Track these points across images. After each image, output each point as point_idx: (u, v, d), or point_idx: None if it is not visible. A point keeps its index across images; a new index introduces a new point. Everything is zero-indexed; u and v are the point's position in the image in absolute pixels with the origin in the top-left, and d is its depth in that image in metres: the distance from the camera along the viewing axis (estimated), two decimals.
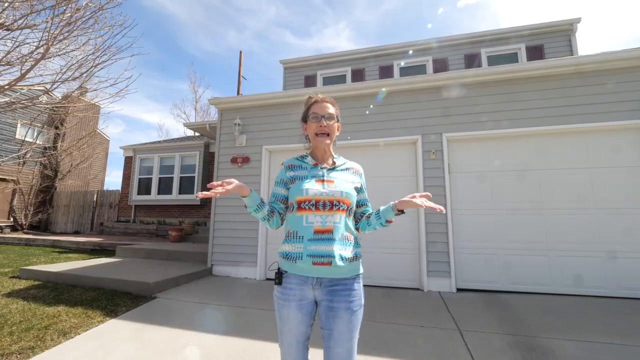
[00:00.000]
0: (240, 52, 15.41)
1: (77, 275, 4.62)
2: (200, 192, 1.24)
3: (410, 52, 8.83)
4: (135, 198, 11.41)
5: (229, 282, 5.07)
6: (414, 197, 1.38)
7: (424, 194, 1.40)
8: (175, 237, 8.52)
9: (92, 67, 3.83)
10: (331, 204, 1.41)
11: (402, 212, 1.42)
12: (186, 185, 10.85)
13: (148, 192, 11.27)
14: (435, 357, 2.59)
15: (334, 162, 1.57)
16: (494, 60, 8.42)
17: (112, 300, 3.88)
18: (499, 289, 4.41)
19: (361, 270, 1.49)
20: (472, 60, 8.42)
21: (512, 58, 8.31)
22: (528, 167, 4.60)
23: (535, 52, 7.99)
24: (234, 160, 5.77)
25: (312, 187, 1.43)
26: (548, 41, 8.06)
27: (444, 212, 1.37)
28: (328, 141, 1.53)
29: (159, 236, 10.48)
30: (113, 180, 46.18)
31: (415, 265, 4.70)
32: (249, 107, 5.91)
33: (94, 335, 2.97)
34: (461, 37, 8.73)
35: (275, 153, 5.74)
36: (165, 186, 11.10)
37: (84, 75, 3.91)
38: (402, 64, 8.98)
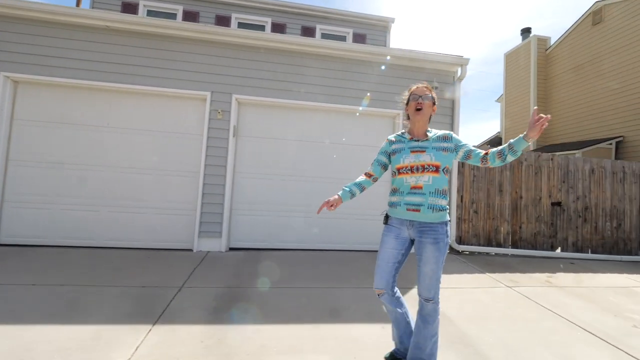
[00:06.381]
0: None
1: None
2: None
3: (249, 9, 8.36)
4: None
5: None
6: (538, 125, 1.62)
7: (544, 116, 1.62)
8: None
9: None
10: (422, 168, 1.83)
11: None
12: None
13: None
14: (124, 316, 2.50)
15: (426, 135, 1.94)
16: (327, 38, 8.91)
17: None
18: (268, 246, 4.83)
19: (447, 218, 1.88)
20: (308, 32, 8.68)
21: (342, 40, 9.00)
22: (309, 139, 5.04)
23: (360, 39, 8.88)
24: None
25: (407, 157, 1.88)
26: (370, 31, 9.08)
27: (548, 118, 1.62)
28: (422, 116, 1.90)
29: None
30: None
31: (189, 226, 4.60)
32: None
33: None
34: (298, 6, 8.80)
35: None
36: None
37: None
38: (241, 18, 8.44)
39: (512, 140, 1.75)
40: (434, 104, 1.94)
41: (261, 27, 8.59)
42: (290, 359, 2.10)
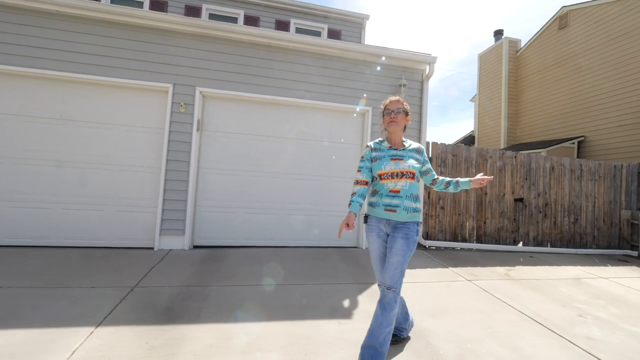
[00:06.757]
0: None
1: None
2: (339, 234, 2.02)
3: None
4: None
5: None
6: (480, 181, 2.12)
7: (487, 178, 2.11)
8: None
9: None
10: (401, 174, 2.03)
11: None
12: None
13: None
14: (68, 319, 2.36)
15: (403, 144, 2.17)
16: (302, 33, 8.80)
17: None
18: (235, 244, 4.72)
19: (419, 219, 2.11)
20: (282, 26, 8.55)
21: (317, 35, 8.93)
22: (276, 134, 4.96)
23: (334, 35, 8.85)
24: None
25: (388, 164, 2.06)
26: (345, 27, 9.06)
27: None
28: (396, 128, 2.13)
29: None
30: None
31: (151, 224, 4.42)
32: None
33: None
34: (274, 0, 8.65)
35: None
36: None
37: None
38: (212, 9, 8.18)
39: (460, 179, 2.20)
40: (407, 114, 2.18)
41: (234, 20, 8.36)
42: (237, 358, 2.04)
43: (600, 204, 6.25)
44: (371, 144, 2.23)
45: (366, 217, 2.18)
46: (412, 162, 2.08)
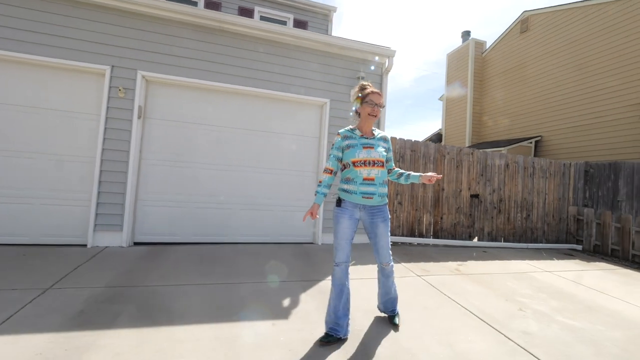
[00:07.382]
0: None
1: None
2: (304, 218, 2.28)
3: None
4: None
5: None
6: (429, 177, 2.28)
7: (436, 176, 2.28)
8: None
9: None
10: (373, 162, 2.21)
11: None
12: None
13: None
14: None
15: (372, 133, 2.33)
16: (266, 21, 8.49)
17: None
18: (181, 240, 4.43)
19: (387, 202, 2.37)
20: (245, 14, 8.20)
21: (282, 24, 8.64)
22: (228, 125, 4.69)
23: (301, 25, 8.62)
24: None
25: (361, 152, 2.21)
26: (311, 18, 8.87)
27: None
28: (374, 121, 2.29)
29: None
30: None
31: (84, 218, 4.03)
32: None
33: None
34: None
35: None
36: None
37: None
38: None
39: (412, 173, 2.39)
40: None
41: (193, 3, 7.90)
42: None
43: (550, 200, 6.52)
44: (342, 132, 2.32)
45: (339, 201, 2.27)
46: (381, 150, 2.26)
